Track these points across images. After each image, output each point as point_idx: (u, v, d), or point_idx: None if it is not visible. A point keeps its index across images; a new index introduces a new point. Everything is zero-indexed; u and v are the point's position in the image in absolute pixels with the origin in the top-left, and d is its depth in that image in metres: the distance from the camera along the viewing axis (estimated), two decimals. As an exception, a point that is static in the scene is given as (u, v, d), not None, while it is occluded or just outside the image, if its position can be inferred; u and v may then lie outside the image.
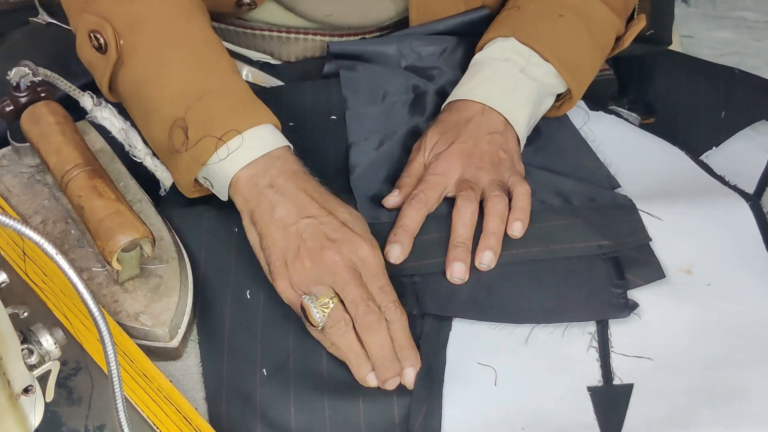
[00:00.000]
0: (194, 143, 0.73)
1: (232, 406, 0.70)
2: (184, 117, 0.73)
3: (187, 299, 0.73)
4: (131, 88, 0.78)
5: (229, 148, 0.72)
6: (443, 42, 0.92)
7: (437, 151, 0.81)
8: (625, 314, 0.74)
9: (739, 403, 0.69)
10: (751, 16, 1.49)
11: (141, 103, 0.77)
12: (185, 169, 0.74)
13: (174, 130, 0.74)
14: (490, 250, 0.75)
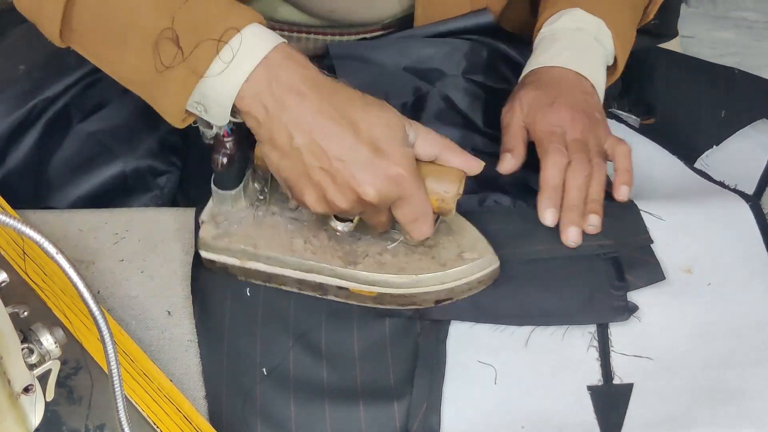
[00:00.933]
0: (190, 51, 0.64)
1: (231, 404, 0.70)
2: (171, 26, 0.65)
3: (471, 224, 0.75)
4: (93, 17, 0.69)
5: (233, 50, 0.64)
6: (444, 45, 0.91)
7: (539, 106, 0.81)
8: (625, 317, 0.74)
9: (739, 403, 0.69)
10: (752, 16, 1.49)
11: (108, 27, 0.68)
12: (179, 87, 0.65)
13: (161, 44, 0.65)
14: (596, 213, 0.77)
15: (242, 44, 0.64)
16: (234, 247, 0.73)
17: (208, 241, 0.73)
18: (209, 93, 0.65)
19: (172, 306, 0.76)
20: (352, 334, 0.74)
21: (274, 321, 0.74)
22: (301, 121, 0.65)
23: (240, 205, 0.74)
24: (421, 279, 0.72)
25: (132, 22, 0.66)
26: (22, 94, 0.90)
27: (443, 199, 0.69)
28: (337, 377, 0.71)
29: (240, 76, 0.64)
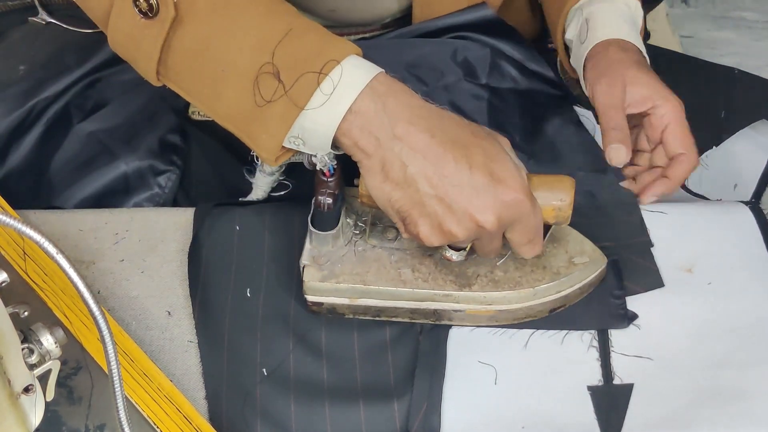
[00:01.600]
0: (291, 84, 0.64)
1: (232, 405, 0.70)
2: (271, 61, 0.65)
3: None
4: (193, 51, 0.69)
5: (334, 82, 0.64)
6: (444, 44, 0.91)
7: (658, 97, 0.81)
8: (624, 325, 0.74)
9: (739, 403, 0.69)
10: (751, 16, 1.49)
11: (207, 64, 0.68)
12: (280, 120, 0.65)
13: (261, 79, 0.65)
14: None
15: (343, 75, 0.64)
16: (342, 287, 0.72)
17: (315, 285, 0.72)
18: (309, 125, 0.65)
19: (172, 306, 0.76)
20: (353, 334, 0.74)
21: (274, 321, 0.74)
22: (415, 150, 0.64)
23: (339, 243, 0.73)
24: (539, 290, 0.72)
25: (231, 59, 0.67)
26: (22, 94, 0.90)
27: (560, 208, 0.69)
28: (337, 377, 0.71)
29: (342, 107, 0.64)
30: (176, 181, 0.89)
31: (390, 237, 0.74)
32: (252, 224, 0.79)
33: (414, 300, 0.72)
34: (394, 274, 0.72)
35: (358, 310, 0.73)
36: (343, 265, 0.72)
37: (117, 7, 0.70)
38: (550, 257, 0.73)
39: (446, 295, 0.72)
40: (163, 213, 0.83)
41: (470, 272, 0.72)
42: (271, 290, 0.75)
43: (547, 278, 0.72)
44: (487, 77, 0.91)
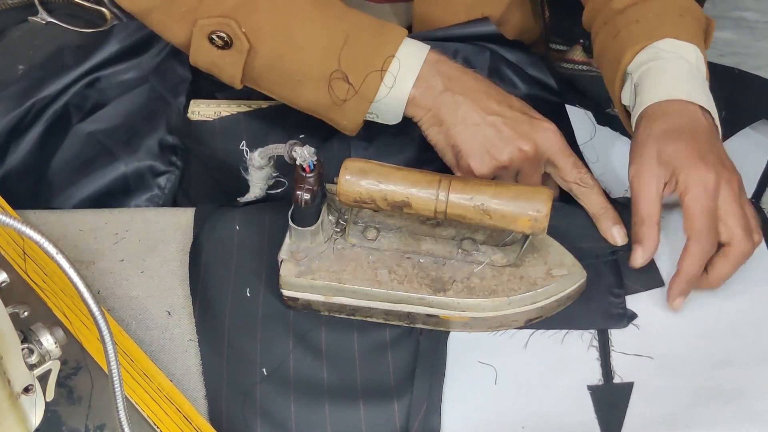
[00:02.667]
0: (359, 85, 0.76)
1: (232, 405, 0.70)
2: (339, 68, 0.76)
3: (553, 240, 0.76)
4: (268, 68, 0.80)
5: (394, 75, 0.77)
6: (443, 47, 0.91)
7: (682, 161, 0.72)
8: (624, 325, 0.74)
9: (739, 402, 0.69)
10: (752, 16, 1.48)
11: (284, 75, 0.79)
12: (354, 113, 0.78)
13: (334, 83, 0.77)
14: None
15: (401, 66, 0.77)
16: (318, 284, 0.72)
17: (291, 280, 0.72)
18: (381, 107, 0.79)
19: (172, 306, 0.76)
20: (353, 334, 0.74)
21: (274, 321, 0.74)
22: (464, 94, 0.78)
23: (318, 240, 0.73)
24: (514, 300, 0.72)
25: (304, 71, 0.78)
26: (21, 93, 0.91)
27: (536, 219, 0.68)
28: (337, 377, 0.71)
29: (405, 90, 0.77)
30: (176, 182, 0.89)
31: (370, 237, 0.74)
32: (252, 224, 0.79)
33: (388, 301, 0.72)
34: (371, 274, 0.72)
35: (332, 308, 0.74)
36: (321, 262, 0.73)
37: (195, 43, 0.80)
38: (528, 268, 0.73)
39: (420, 298, 0.71)
40: (163, 213, 0.83)
41: (446, 277, 0.72)
42: (271, 290, 0.75)
43: (523, 288, 0.72)
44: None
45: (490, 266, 0.73)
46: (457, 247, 0.73)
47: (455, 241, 0.74)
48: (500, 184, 0.69)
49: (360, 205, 0.70)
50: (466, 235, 0.74)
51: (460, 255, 0.73)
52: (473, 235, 0.74)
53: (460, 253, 0.73)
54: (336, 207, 0.75)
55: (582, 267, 0.74)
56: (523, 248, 0.72)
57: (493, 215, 0.68)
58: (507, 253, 0.73)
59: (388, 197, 0.69)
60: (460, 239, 0.74)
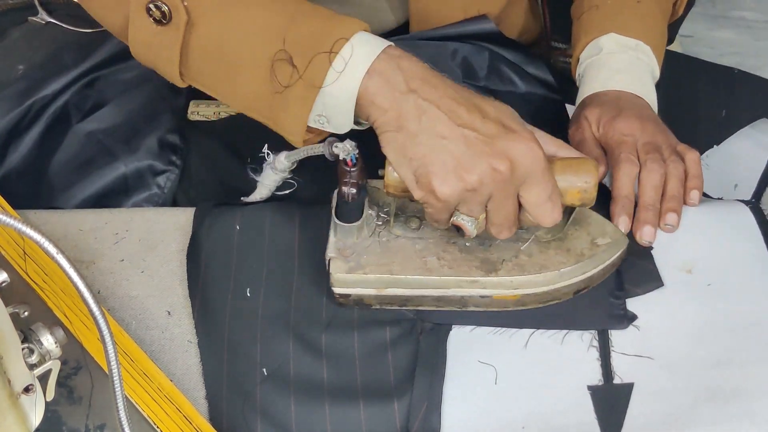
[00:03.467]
0: (305, 67, 0.66)
1: (232, 405, 0.70)
2: (283, 47, 0.67)
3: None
4: (208, 49, 0.71)
5: (345, 59, 0.66)
6: (444, 47, 0.91)
7: (607, 119, 0.81)
8: (624, 326, 0.74)
9: (739, 403, 0.69)
10: (751, 16, 1.49)
11: (224, 59, 0.71)
12: (300, 102, 0.67)
13: (276, 66, 0.68)
14: (674, 212, 0.78)
15: (354, 52, 0.66)
16: (370, 278, 0.72)
17: (342, 277, 0.72)
18: (330, 101, 0.67)
19: (172, 306, 0.76)
20: (353, 334, 0.74)
21: (274, 321, 0.74)
22: (429, 101, 0.66)
23: (363, 234, 0.74)
24: (564, 273, 0.72)
25: (245, 52, 0.69)
26: (21, 93, 0.91)
27: (585, 189, 0.69)
28: (337, 377, 0.71)
29: (357, 78, 0.66)
30: (175, 181, 0.89)
31: (413, 226, 0.74)
32: (252, 224, 0.79)
33: (441, 288, 0.72)
34: (420, 263, 0.73)
35: (384, 300, 0.74)
36: (369, 256, 0.73)
37: (132, 18, 0.72)
38: (572, 240, 0.74)
39: (473, 281, 0.72)
40: (163, 213, 0.83)
41: (495, 258, 0.73)
42: (271, 290, 0.75)
43: (571, 260, 0.73)
44: (485, 79, 0.91)
45: (535, 242, 0.74)
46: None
47: None
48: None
49: (407, 194, 0.69)
50: None
51: (503, 231, 0.73)
52: None
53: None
54: (375, 201, 0.75)
55: (623, 233, 0.75)
56: (569, 221, 0.73)
57: None
58: (550, 228, 0.73)
59: None
60: None
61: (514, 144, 0.65)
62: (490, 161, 0.65)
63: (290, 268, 0.77)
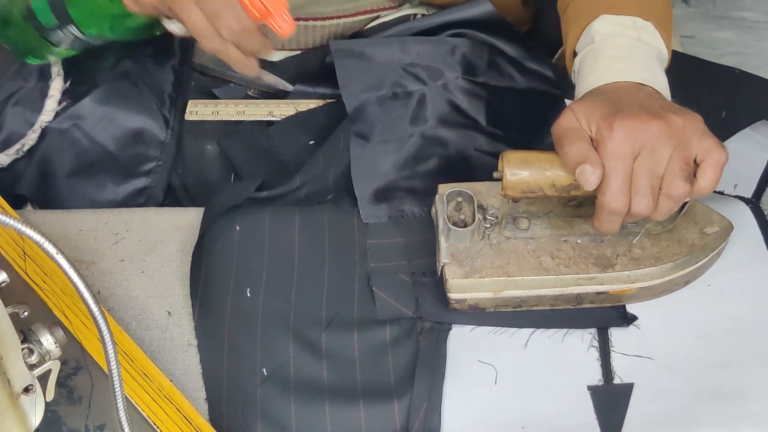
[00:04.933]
0: None
1: (232, 405, 0.70)
2: None
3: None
4: None
5: None
6: (444, 43, 0.91)
7: (600, 116, 0.67)
8: (624, 325, 0.74)
9: (739, 403, 0.69)
10: (752, 16, 1.49)
11: None
12: None
13: None
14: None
15: None
16: (486, 281, 0.72)
17: (459, 282, 0.72)
18: None
19: (172, 306, 0.76)
20: (353, 334, 0.74)
21: (274, 321, 0.74)
22: None
23: (475, 238, 0.73)
24: (678, 263, 0.72)
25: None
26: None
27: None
28: (337, 377, 0.71)
29: None
30: (163, 174, 0.88)
31: (523, 227, 0.74)
32: (252, 224, 0.79)
33: (558, 286, 0.73)
34: (535, 263, 0.73)
35: (500, 303, 0.74)
36: (483, 260, 0.73)
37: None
38: (682, 231, 0.74)
39: (591, 278, 0.72)
40: (163, 213, 0.83)
41: (609, 253, 0.73)
42: (271, 290, 0.75)
43: (684, 251, 0.73)
44: (485, 75, 0.91)
45: (646, 235, 0.73)
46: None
47: None
48: None
49: (526, 195, 0.69)
50: None
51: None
52: None
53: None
54: (480, 203, 0.75)
55: (729, 220, 0.75)
56: (682, 212, 0.73)
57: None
58: (661, 221, 0.72)
59: (556, 182, 0.68)
60: None
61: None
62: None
63: (290, 268, 0.77)
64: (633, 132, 0.66)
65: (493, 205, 0.75)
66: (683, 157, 0.66)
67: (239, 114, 0.91)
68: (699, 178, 0.67)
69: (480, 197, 0.75)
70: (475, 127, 0.88)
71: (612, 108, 0.68)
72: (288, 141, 0.88)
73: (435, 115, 0.88)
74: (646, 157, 0.66)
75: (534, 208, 0.75)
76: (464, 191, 0.74)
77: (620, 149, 0.65)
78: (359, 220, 0.80)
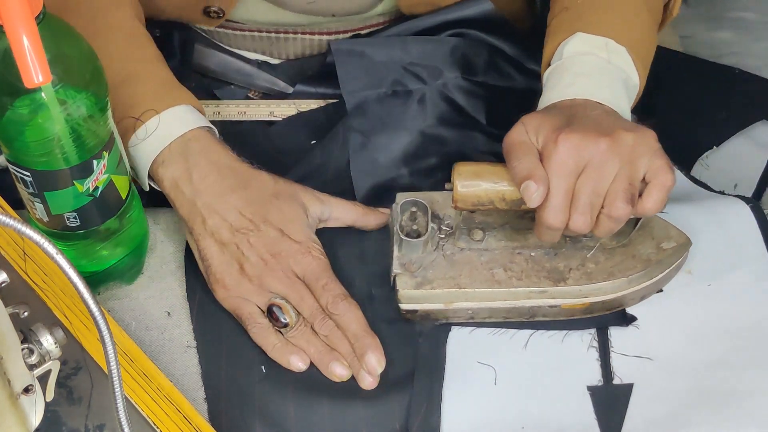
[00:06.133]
0: (118, 123, 0.70)
1: (231, 405, 0.70)
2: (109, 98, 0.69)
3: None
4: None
5: (147, 129, 0.73)
6: (444, 43, 0.91)
7: (550, 130, 0.67)
8: (624, 324, 0.74)
9: (739, 403, 0.69)
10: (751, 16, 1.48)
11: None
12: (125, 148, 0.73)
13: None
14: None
15: (159, 125, 0.73)
16: (438, 292, 0.71)
17: (410, 293, 0.71)
18: (134, 160, 0.75)
19: (171, 307, 0.76)
20: (352, 334, 0.74)
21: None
22: (212, 204, 0.73)
23: (428, 248, 0.73)
24: (632, 279, 0.72)
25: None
26: None
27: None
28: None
29: (153, 151, 0.73)
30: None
31: (477, 238, 0.73)
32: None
33: (510, 299, 0.72)
34: (487, 275, 0.72)
35: (451, 315, 0.73)
36: (435, 271, 0.72)
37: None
38: (637, 245, 0.73)
39: (542, 291, 0.72)
40: (163, 213, 0.83)
41: (562, 266, 0.72)
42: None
43: (639, 266, 0.72)
44: (484, 75, 0.91)
45: (601, 250, 0.73)
46: (565, 235, 0.72)
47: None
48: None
49: (477, 207, 0.69)
50: None
51: (569, 243, 0.73)
52: None
53: (569, 241, 0.73)
54: (436, 214, 0.75)
55: (687, 235, 0.74)
56: (637, 227, 0.72)
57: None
58: (616, 234, 0.72)
59: (507, 196, 0.68)
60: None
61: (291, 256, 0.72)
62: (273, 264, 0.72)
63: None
64: (578, 147, 0.65)
65: (449, 215, 0.74)
66: (628, 176, 0.66)
67: (240, 114, 0.91)
68: (644, 199, 0.67)
69: (438, 207, 0.75)
70: (474, 127, 0.88)
71: (562, 122, 0.67)
72: (289, 141, 0.89)
73: (435, 114, 0.88)
74: (590, 173, 0.65)
75: (490, 219, 0.74)
76: (419, 201, 0.73)
77: (563, 164, 0.65)
78: None
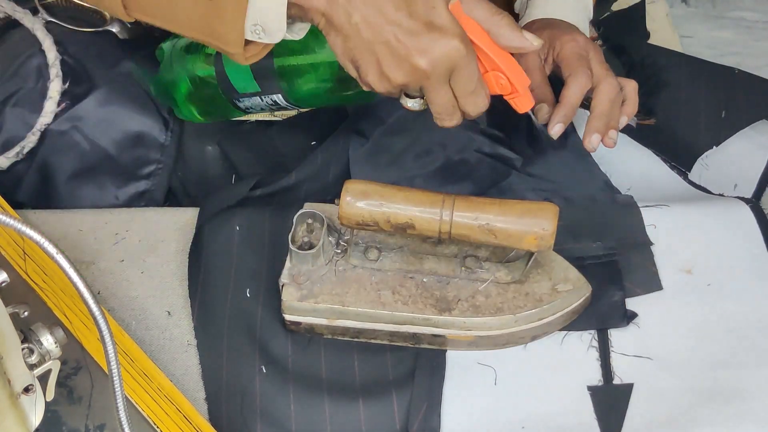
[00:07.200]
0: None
1: (231, 405, 0.70)
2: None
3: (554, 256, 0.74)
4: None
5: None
6: None
7: (557, 36, 0.84)
8: (624, 324, 0.74)
9: (739, 403, 0.69)
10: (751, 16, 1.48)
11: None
12: (234, 9, 0.66)
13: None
14: (616, 129, 0.82)
15: None
16: (321, 307, 0.71)
17: (294, 304, 0.71)
18: (263, 5, 0.66)
19: (172, 306, 0.76)
20: (352, 334, 0.74)
21: (274, 321, 0.74)
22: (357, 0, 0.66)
23: (319, 262, 0.72)
24: (520, 317, 0.71)
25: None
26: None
27: (542, 237, 0.67)
28: (337, 377, 0.71)
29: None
30: (163, 177, 0.88)
31: (372, 257, 0.72)
32: (252, 224, 0.79)
33: (393, 323, 0.71)
34: (374, 296, 0.71)
35: (336, 331, 0.72)
36: (323, 285, 0.71)
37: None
38: (533, 284, 0.72)
39: (426, 319, 0.70)
40: (163, 213, 0.83)
41: (451, 296, 0.71)
42: (271, 290, 0.75)
43: (529, 305, 0.71)
44: None
45: (494, 284, 0.72)
46: (460, 265, 0.72)
47: (458, 258, 0.73)
48: (504, 203, 0.67)
49: (362, 227, 0.68)
50: (469, 252, 0.73)
51: (463, 273, 0.72)
52: (476, 252, 0.73)
53: (464, 271, 0.72)
54: (335, 228, 0.74)
55: (586, 281, 0.73)
56: (528, 265, 0.71)
57: (498, 235, 0.67)
58: (511, 270, 0.72)
59: (392, 219, 0.67)
60: (462, 257, 0.72)
61: (434, 43, 0.66)
62: (411, 61, 0.66)
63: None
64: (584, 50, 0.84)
65: (349, 232, 0.73)
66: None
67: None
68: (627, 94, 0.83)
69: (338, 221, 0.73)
70: (475, 129, 0.88)
71: (569, 33, 0.84)
72: (289, 141, 0.89)
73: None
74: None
75: (391, 240, 0.73)
76: (317, 213, 0.72)
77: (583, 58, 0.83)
78: None
